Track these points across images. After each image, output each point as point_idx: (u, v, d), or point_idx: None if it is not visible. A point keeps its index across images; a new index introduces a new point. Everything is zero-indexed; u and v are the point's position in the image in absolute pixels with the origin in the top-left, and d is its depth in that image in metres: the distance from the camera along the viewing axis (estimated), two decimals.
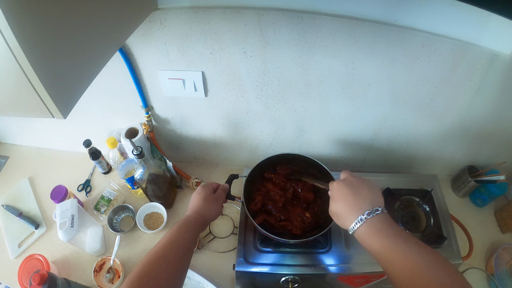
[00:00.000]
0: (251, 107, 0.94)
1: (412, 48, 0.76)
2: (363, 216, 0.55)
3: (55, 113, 0.47)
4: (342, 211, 0.59)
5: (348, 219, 0.57)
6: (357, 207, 0.57)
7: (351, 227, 0.56)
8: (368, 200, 0.57)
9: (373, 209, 0.55)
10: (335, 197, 0.61)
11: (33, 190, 1.11)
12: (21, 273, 0.90)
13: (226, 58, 0.82)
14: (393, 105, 0.90)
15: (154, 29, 0.78)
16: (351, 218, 0.56)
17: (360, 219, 0.55)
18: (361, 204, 0.57)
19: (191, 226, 0.69)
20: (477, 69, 0.80)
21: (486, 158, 1.08)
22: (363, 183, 0.61)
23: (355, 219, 0.55)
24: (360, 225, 0.55)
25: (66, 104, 0.48)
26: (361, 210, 0.56)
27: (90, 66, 0.55)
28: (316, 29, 0.74)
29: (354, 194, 0.59)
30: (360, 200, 0.57)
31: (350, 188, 0.60)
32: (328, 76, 0.83)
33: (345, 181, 0.62)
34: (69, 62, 0.48)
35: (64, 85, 0.48)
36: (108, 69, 0.88)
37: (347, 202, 0.58)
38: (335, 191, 0.62)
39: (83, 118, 1.06)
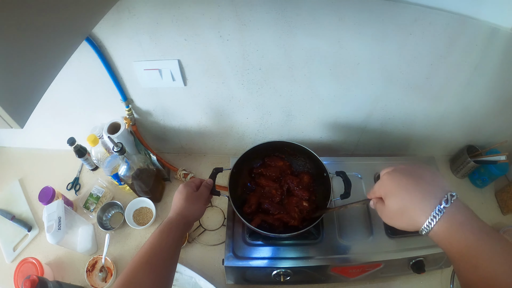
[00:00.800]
0: (233, 94, 0.89)
1: (404, 23, 0.69)
2: (440, 206, 0.41)
3: (11, 124, 0.43)
4: (408, 206, 0.44)
5: (420, 214, 0.42)
6: (428, 196, 0.42)
7: (426, 224, 0.42)
8: (436, 185, 0.43)
9: (448, 194, 0.41)
10: (391, 191, 0.46)
11: (24, 192, 1.10)
12: (16, 277, 0.90)
13: (201, 43, 0.76)
14: (386, 85, 0.85)
15: (123, 18, 0.72)
16: (423, 212, 0.42)
17: (438, 211, 0.41)
18: (432, 191, 0.42)
19: (174, 229, 0.66)
20: (475, 44, 0.74)
21: (486, 137, 1.03)
22: (417, 167, 0.47)
23: (431, 212, 0.41)
24: (438, 218, 0.41)
25: (21, 114, 0.44)
26: (435, 199, 0.41)
27: (48, 66, 0.50)
28: (296, 6, 0.67)
29: (418, 181, 0.44)
30: (428, 186, 0.43)
31: (409, 175, 0.46)
32: (313, 57, 0.78)
33: (397, 171, 0.48)
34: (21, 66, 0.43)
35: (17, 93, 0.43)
36: (83, 64, 0.83)
37: (412, 191, 0.44)
38: (388, 184, 0.47)
39: (67, 116, 1.02)
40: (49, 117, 1.02)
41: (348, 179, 0.79)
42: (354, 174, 0.92)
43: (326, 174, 0.82)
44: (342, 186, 0.78)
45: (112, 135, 0.93)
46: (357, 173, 0.93)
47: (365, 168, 0.95)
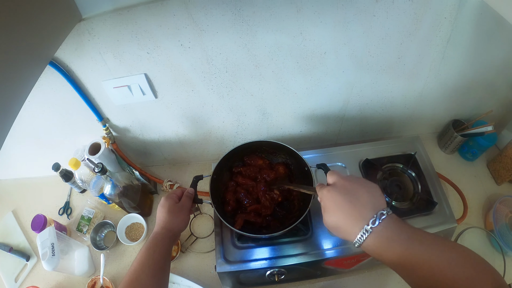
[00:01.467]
0: (205, 100, 0.89)
1: (364, 5, 0.68)
2: (367, 226, 0.46)
3: None
4: (341, 224, 0.49)
5: (350, 232, 0.48)
6: (358, 216, 0.48)
7: (356, 240, 0.47)
8: (369, 205, 0.48)
9: (378, 213, 0.47)
10: (329, 208, 0.52)
11: (18, 222, 1.10)
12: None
13: (164, 55, 0.76)
14: (357, 71, 0.83)
15: (84, 40, 0.72)
16: (354, 231, 0.47)
17: (365, 230, 0.46)
18: (362, 211, 0.48)
19: (160, 244, 0.66)
20: (444, 17, 0.72)
21: (470, 109, 1.01)
22: (358, 185, 0.51)
23: (359, 231, 0.46)
24: (366, 236, 0.46)
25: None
26: (364, 220, 0.47)
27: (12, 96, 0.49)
28: (251, 4, 0.67)
29: (352, 201, 0.49)
30: (360, 207, 0.48)
31: (345, 194, 0.50)
32: (278, 52, 0.77)
33: (337, 187, 0.52)
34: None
35: None
36: (54, 90, 0.83)
37: (345, 212, 0.49)
38: (327, 200, 0.52)
39: (48, 142, 1.03)
40: (32, 145, 1.02)
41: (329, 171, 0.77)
42: (338, 164, 0.91)
43: (307, 169, 0.80)
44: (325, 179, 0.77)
45: (93, 155, 0.93)
46: (341, 162, 0.92)
47: (349, 157, 0.93)
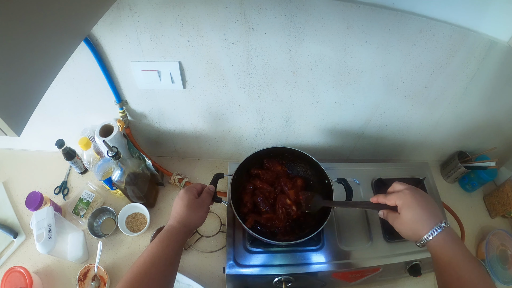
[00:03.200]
0: (234, 98, 0.87)
1: (409, 33, 0.70)
2: (441, 224, 0.55)
3: (7, 131, 0.40)
4: (420, 218, 0.57)
5: (424, 226, 0.56)
6: (434, 216, 0.56)
7: (429, 233, 0.55)
8: (438, 210, 0.58)
9: (444, 220, 0.56)
10: (410, 205, 0.58)
11: (9, 195, 1.02)
12: (3, 287, 0.84)
13: (205, 46, 0.74)
14: (386, 93, 0.86)
15: (123, 16, 0.68)
16: (428, 225, 0.55)
17: (439, 226, 0.54)
18: (436, 213, 0.57)
19: (174, 238, 0.63)
20: (474, 56, 0.77)
21: (476, 144, 1.07)
22: (427, 195, 0.61)
23: (434, 226, 0.55)
24: (439, 232, 0.54)
25: (17, 121, 0.40)
26: (437, 219, 0.56)
27: (45, 70, 0.46)
28: (305, 12, 0.67)
29: (428, 203, 0.58)
30: (434, 208, 0.58)
31: (422, 196, 0.59)
32: (318, 63, 0.77)
33: (416, 190, 0.61)
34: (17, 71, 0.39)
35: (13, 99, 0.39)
36: (76, 63, 0.78)
37: (425, 208, 0.57)
38: (410, 199, 0.59)
39: (55, 117, 0.96)
40: (36, 116, 0.93)
41: (349, 186, 0.79)
42: (352, 180, 0.93)
43: (328, 181, 0.82)
44: (340, 192, 0.79)
45: (105, 138, 0.88)
46: (355, 178, 0.94)
47: (362, 174, 0.96)
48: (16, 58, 0.39)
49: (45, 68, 0.46)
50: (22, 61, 0.40)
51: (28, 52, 0.41)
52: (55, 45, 0.47)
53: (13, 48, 0.37)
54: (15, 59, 0.38)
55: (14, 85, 0.39)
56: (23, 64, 0.40)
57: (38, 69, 0.44)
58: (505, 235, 0.93)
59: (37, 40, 0.42)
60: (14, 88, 0.39)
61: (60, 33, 0.47)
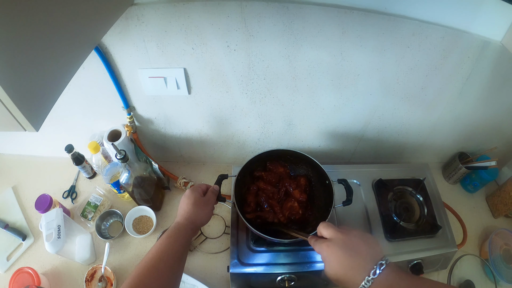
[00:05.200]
0: (237, 103, 0.91)
1: (402, 36, 0.73)
2: (368, 277, 0.48)
3: (26, 126, 0.43)
4: (343, 277, 0.52)
5: (352, 284, 0.50)
6: (359, 269, 0.50)
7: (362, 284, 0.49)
8: (369, 257, 0.51)
9: (378, 264, 0.49)
10: (330, 262, 0.54)
11: (18, 199, 1.06)
12: (11, 287, 0.87)
13: (208, 53, 0.77)
14: (384, 95, 0.88)
15: (131, 25, 0.73)
16: (356, 282, 0.49)
17: (366, 281, 0.48)
18: (362, 264, 0.50)
19: (182, 234, 0.66)
20: (468, 56, 0.79)
21: (476, 144, 1.08)
22: (356, 238, 0.54)
23: (361, 283, 0.49)
24: (368, 286, 0.48)
25: (37, 116, 0.44)
26: (364, 271, 0.49)
27: (62, 72, 0.50)
28: (302, 19, 0.70)
29: (352, 255, 0.51)
30: (360, 259, 0.51)
31: (345, 249, 0.52)
32: (316, 68, 0.80)
33: (335, 242, 0.54)
34: (37, 71, 0.43)
35: (34, 96, 0.43)
36: (86, 70, 0.83)
37: (346, 265, 0.51)
38: (328, 255, 0.54)
39: (64, 123, 1.00)
40: (45, 123, 0.98)
41: (350, 186, 0.80)
42: (354, 182, 0.95)
43: (329, 182, 0.83)
44: (342, 193, 0.80)
45: (113, 142, 0.92)
46: (356, 180, 0.96)
47: (363, 175, 0.97)
48: (38, 61, 0.43)
49: (62, 70, 0.50)
50: (43, 64, 0.44)
51: (47, 57, 0.45)
52: (71, 50, 0.51)
53: (35, 52, 0.42)
54: (37, 62, 0.42)
55: (35, 83, 0.43)
56: (43, 67, 0.44)
57: (57, 71, 0.48)
58: (509, 235, 0.93)
59: (54, 46, 0.46)
60: (34, 86, 0.43)
61: (74, 41, 0.52)
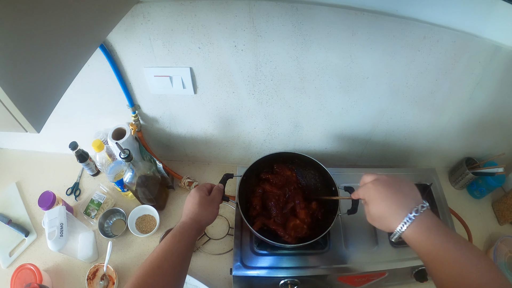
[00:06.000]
0: (243, 104, 0.90)
1: (413, 39, 0.72)
2: (411, 214, 0.49)
3: (27, 127, 0.42)
4: (386, 213, 0.53)
5: (394, 220, 0.51)
6: (402, 206, 0.51)
7: (398, 228, 0.50)
8: (411, 197, 0.52)
9: (419, 206, 0.50)
10: (374, 199, 0.55)
11: (21, 195, 1.06)
12: (13, 284, 0.86)
13: (215, 52, 0.76)
14: (392, 99, 0.87)
15: (137, 23, 0.72)
16: (397, 219, 0.50)
17: (408, 218, 0.49)
18: (405, 202, 0.51)
19: (186, 234, 0.65)
20: (479, 61, 0.77)
21: (484, 150, 1.07)
22: (400, 180, 0.55)
23: (403, 219, 0.50)
24: (409, 224, 0.49)
25: (39, 118, 0.43)
26: (407, 209, 0.50)
27: (65, 71, 0.49)
28: (311, 20, 0.69)
29: (395, 192, 0.53)
30: (403, 198, 0.52)
31: (389, 186, 0.54)
32: (325, 70, 0.79)
33: (380, 181, 0.56)
34: (39, 71, 0.42)
35: (35, 97, 0.42)
36: (91, 68, 0.82)
37: (390, 201, 0.52)
38: (372, 193, 0.55)
39: (69, 120, 1.00)
40: (50, 120, 0.98)
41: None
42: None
43: (335, 189, 0.82)
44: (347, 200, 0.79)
45: (117, 141, 0.92)
46: None
47: None
48: (40, 60, 0.42)
49: (65, 70, 0.49)
50: (45, 63, 0.43)
51: (51, 55, 0.44)
52: (74, 49, 0.50)
53: (38, 50, 0.41)
54: (38, 59, 0.41)
55: (36, 84, 0.42)
56: (46, 66, 0.43)
57: (59, 71, 0.47)
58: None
59: (59, 44, 0.45)
60: (36, 87, 0.42)
61: (79, 39, 0.51)
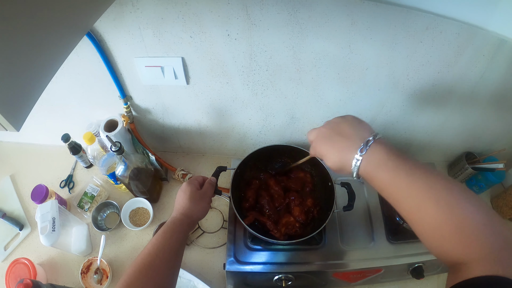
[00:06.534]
0: (237, 94, 0.87)
1: (415, 30, 0.68)
2: (357, 155, 0.46)
3: (7, 126, 0.40)
4: (339, 161, 0.49)
5: (347, 164, 0.48)
6: (348, 149, 0.48)
7: (354, 160, 0.47)
8: (356, 137, 0.48)
9: (365, 141, 0.47)
10: (324, 155, 0.52)
11: (16, 188, 1.05)
12: (8, 278, 0.86)
13: (208, 42, 0.73)
14: (392, 91, 0.84)
15: (126, 12, 0.69)
16: (349, 162, 0.47)
17: (356, 159, 0.46)
18: (351, 144, 0.48)
19: (178, 230, 0.64)
20: (483, 54, 0.74)
21: (484, 144, 1.04)
22: (339, 123, 0.53)
23: (357, 149, 0.47)
24: (359, 165, 0.46)
25: (17, 116, 0.40)
26: (354, 150, 0.47)
27: (46, 65, 0.46)
28: (309, 8, 0.65)
29: (339, 140, 0.50)
30: (348, 141, 0.49)
31: (330, 136, 0.52)
32: (322, 60, 0.76)
33: (320, 135, 0.54)
34: (17, 64, 0.39)
35: (13, 96, 0.40)
36: (80, 58, 0.79)
37: (336, 150, 0.50)
38: (319, 149, 0.53)
39: (61, 111, 0.98)
40: (42, 111, 0.97)
41: (352, 191, 0.78)
42: (359, 180, 0.92)
43: (331, 184, 0.81)
44: (343, 195, 0.78)
45: (109, 133, 0.89)
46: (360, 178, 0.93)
47: None
48: (16, 53, 0.39)
49: (45, 63, 0.46)
50: (22, 56, 0.40)
51: (28, 47, 0.41)
52: (55, 40, 0.47)
53: (12, 43, 0.37)
54: (15, 54, 0.38)
55: (13, 80, 0.39)
56: (23, 59, 0.40)
57: (38, 65, 0.44)
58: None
59: (37, 34, 0.42)
60: (13, 83, 0.39)
61: (61, 28, 0.47)
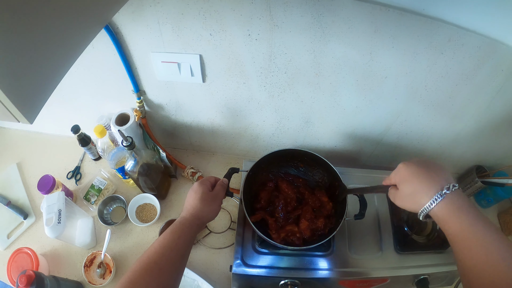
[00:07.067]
0: (253, 95, 0.86)
1: (437, 41, 0.68)
2: (442, 191, 0.49)
3: (20, 118, 0.39)
4: (417, 188, 0.52)
5: (424, 195, 0.50)
6: (434, 182, 0.50)
7: (428, 204, 0.50)
8: (442, 176, 0.51)
9: (451, 184, 0.49)
10: (406, 179, 0.54)
11: (22, 176, 1.04)
12: (10, 267, 0.86)
13: (227, 40, 0.72)
14: (409, 101, 0.83)
15: (145, 5, 0.68)
16: (428, 194, 0.50)
17: (439, 195, 0.49)
18: (437, 179, 0.51)
19: (186, 230, 0.63)
20: (501, 69, 0.73)
21: (495, 159, 1.04)
22: (431, 161, 0.55)
23: (434, 195, 0.49)
24: (439, 201, 0.48)
25: (31, 108, 0.40)
26: (439, 186, 0.50)
27: (63, 57, 0.45)
28: (333, 12, 0.65)
29: (427, 171, 0.52)
30: (435, 176, 0.51)
31: (421, 166, 0.54)
32: (342, 66, 0.75)
33: (412, 162, 0.56)
34: (34, 57, 0.38)
35: (28, 87, 0.39)
36: (95, 51, 0.78)
37: (422, 177, 0.52)
38: (404, 172, 0.55)
39: (72, 102, 0.97)
40: (53, 101, 0.94)
41: (364, 200, 0.77)
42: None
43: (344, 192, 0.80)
44: (355, 203, 0.77)
45: (120, 127, 0.88)
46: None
47: (378, 182, 0.93)
48: (34, 45, 0.38)
49: (62, 56, 0.45)
50: (40, 48, 0.39)
51: (47, 39, 0.40)
52: (74, 32, 0.46)
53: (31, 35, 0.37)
54: (32, 45, 0.38)
55: (30, 73, 0.39)
56: (41, 52, 0.39)
57: (56, 57, 0.43)
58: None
59: (57, 26, 0.41)
60: (29, 75, 0.39)
61: (80, 20, 0.46)
